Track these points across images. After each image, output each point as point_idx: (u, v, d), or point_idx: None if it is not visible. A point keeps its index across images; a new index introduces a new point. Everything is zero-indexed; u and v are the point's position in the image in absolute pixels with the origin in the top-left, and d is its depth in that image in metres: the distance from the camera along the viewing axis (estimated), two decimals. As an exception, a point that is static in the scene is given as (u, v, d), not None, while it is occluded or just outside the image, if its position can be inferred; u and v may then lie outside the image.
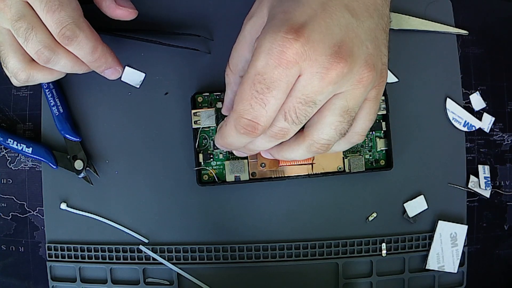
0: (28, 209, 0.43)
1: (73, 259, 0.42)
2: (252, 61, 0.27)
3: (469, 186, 0.43)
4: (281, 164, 0.39)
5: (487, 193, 0.43)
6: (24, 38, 0.32)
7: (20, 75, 0.34)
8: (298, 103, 0.27)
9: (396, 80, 0.42)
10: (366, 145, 0.41)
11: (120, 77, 0.38)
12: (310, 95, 0.27)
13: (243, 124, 0.28)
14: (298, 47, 0.26)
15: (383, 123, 0.40)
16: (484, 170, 0.43)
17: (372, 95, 0.30)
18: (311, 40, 0.26)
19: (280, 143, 0.32)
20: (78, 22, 0.32)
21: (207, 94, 0.40)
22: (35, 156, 0.41)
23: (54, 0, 0.31)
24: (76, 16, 0.32)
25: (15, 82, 0.35)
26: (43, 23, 0.32)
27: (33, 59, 0.34)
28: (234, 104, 0.28)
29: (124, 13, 0.36)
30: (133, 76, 0.42)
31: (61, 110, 0.41)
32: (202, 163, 0.40)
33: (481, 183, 0.43)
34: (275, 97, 0.27)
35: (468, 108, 0.43)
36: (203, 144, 0.40)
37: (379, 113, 0.40)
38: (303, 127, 0.30)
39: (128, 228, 0.42)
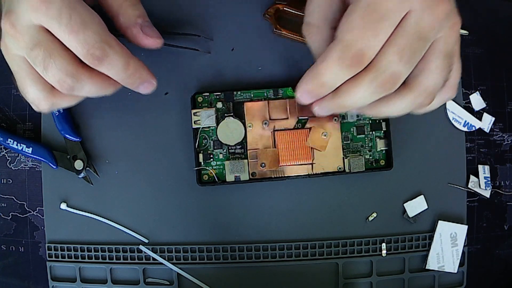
0: (28, 209, 0.43)
1: (73, 259, 0.42)
2: None
3: (469, 186, 0.43)
4: (281, 164, 0.39)
5: (487, 193, 0.43)
6: (43, 67, 0.29)
7: (42, 105, 0.32)
8: (413, 40, 0.27)
9: (396, 80, 0.42)
10: (366, 145, 0.41)
11: None
12: (424, 30, 0.27)
13: (350, 55, 0.27)
14: None
15: (383, 123, 0.40)
16: (484, 170, 0.43)
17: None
18: None
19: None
20: (106, 39, 0.30)
21: (207, 94, 0.40)
22: (35, 156, 0.41)
23: (75, 18, 0.29)
24: (103, 32, 0.30)
25: (37, 109, 0.33)
26: (64, 46, 0.29)
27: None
28: (339, 34, 0.27)
29: (152, 43, 0.34)
30: (133, 76, 0.41)
31: (61, 110, 0.41)
32: (202, 163, 0.40)
33: (481, 183, 0.43)
34: (385, 30, 0.27)
35: (468, 108, 0.43)
36: (203, 144, 0.40)
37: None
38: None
39: (128, 228, 0.42)
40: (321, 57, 0.28)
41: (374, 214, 0.42)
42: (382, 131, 0.41)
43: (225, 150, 0.40)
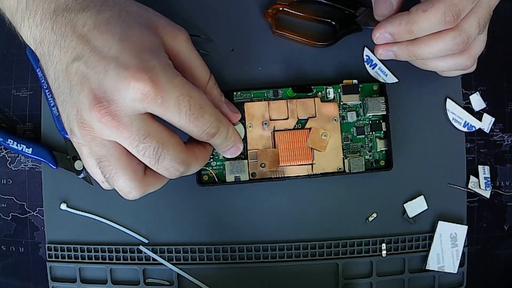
0: (28, 210, 0.43)
1: (73, 260, 0.42)
2: None
3: (469, 186, 0.43)
4: (281, 165, 0.39)
5: (487, 194, 0.43)
6: (155, 159, 0.28)
7: (131, 195, 0.30)
8: (486, 12, 0.32)
9: (396, 80, 0.42)
10: (366, 145, 0.41)
11: None
12: (491, 5, 0.33)
13: (454, 12, 0.30)
14: None
15: (383, 124, 0.40)
16: (484, 171, 0.43)
17: None
18: None
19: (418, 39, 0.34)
20: (218, 116, 0.30)
21: (207, 94, 0.40)
22: (35, 157, 0.41)
23: (194, 105, 0.27)
24: (214, 110, 0.30)
25: (126, 198, 0.31)
26: (172, 131, 0.29)
27: (146, 173, 0.30)
28: None
29: (237, 118, 0.36)
30: (133, 77, 0.41)
31: (61, 111, 0.41)
32: (202, 164, 0.40)
33: (481, 184, 0.43)
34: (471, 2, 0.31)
35: (468, 108, 0.43)
36: (203, 145, 0.40)
37: (378, 114, 0.40)
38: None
39: (128, 229, 0.42)
40: (420, 8, 0.31)
41: (374, 215, 0.42)
42: (382, 132, 0.41)
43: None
